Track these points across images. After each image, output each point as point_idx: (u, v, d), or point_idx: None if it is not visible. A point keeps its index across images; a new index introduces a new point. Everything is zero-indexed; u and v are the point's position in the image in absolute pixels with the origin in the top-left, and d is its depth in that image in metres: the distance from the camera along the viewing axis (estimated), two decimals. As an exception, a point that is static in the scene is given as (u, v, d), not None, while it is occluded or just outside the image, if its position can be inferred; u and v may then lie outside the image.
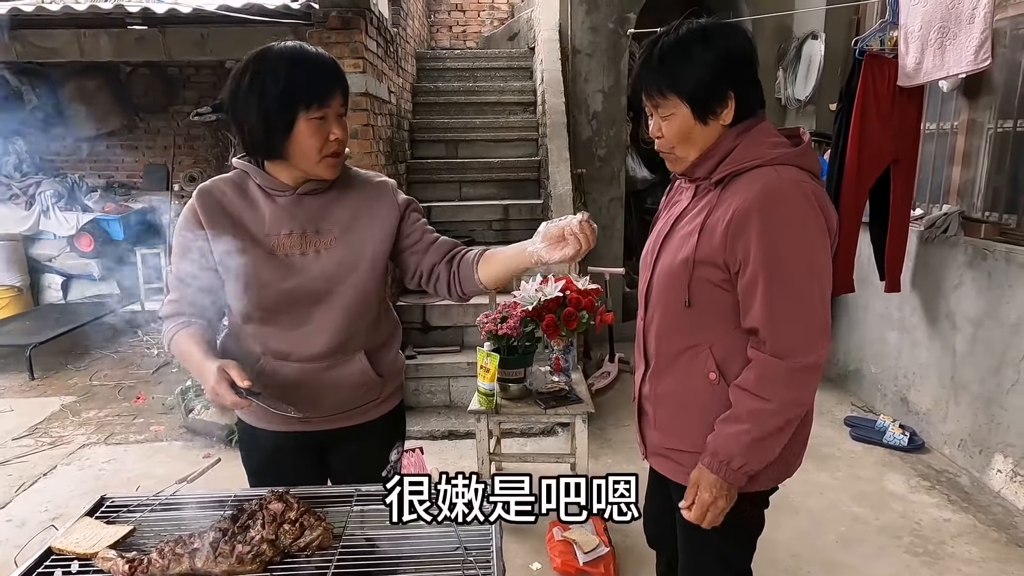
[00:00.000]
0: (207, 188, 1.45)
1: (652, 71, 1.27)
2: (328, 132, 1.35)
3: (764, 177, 1.22)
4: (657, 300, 1.39)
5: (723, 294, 1.29)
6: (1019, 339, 2.78)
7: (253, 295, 1.41)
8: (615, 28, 4.90)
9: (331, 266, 1.42)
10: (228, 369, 1.28)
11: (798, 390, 1.24)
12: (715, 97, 1.24)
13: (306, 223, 1.42)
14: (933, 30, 2.88)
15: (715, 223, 1.25)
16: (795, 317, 1.22)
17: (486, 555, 1.17)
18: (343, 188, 1.47)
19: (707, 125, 1.27)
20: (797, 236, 1.20)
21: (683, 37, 1.25)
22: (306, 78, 1.32)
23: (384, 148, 4.17)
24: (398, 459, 1.63)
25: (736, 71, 1.25)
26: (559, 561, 2.41)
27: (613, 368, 4.33)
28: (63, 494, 3.10)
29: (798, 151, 1.26)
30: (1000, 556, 2.50)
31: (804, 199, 1.21)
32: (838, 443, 3.43)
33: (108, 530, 1.24)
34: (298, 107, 1.31)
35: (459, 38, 7.83)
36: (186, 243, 1.42)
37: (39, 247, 6.36)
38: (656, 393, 1.42)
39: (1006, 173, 3.05)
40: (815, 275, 1.22)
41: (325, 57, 1.37)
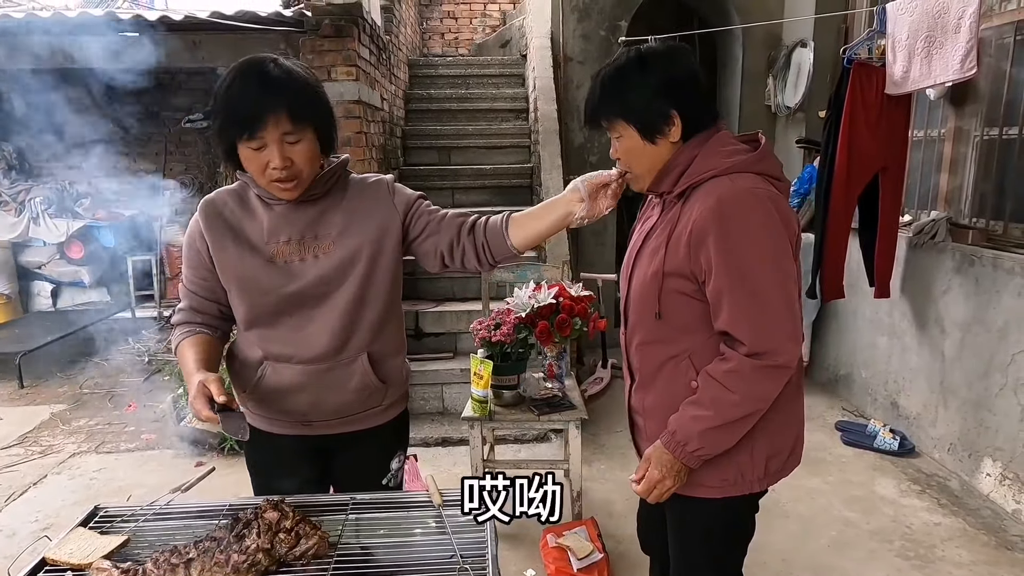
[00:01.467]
0: (210, 200, 1.48)
1: (597, 101, 1.35)
2: (266, 160, 1.31)
3: (719, 187, 1.26)
4: (634, 314, 1.43)
5: (695, 304, 1.32)
6: (1006, 344, 2.81)
7: (254, 301, 1.45)
8: (607, 36, 4.93)
9: (329, 269, 1.44)
10: (208, 383, 1.29)
11: (764, 385, 1.27)
12: (658, 118, 1.30)
13: (304, 229, 1.44)
14: (920, 39, 2.93)
15: (679, 235, 1.29)
16: (762, 322, 1.24)
17: (482, 563, 1.18)
18: (340, 193, 1.48)
19: (656, 144, 1.32)
20: (755, 242, 1.23)
21: (621, 66, 1.32)
22: (235, 106, 1.29)
23: (377, 155, 4.18)
24: (399, 468, 1.64)
25: (677, 91, 1.30)
26: (553, 568, 2.41)
27: (606, 374, 4.35)
28: (54, 504, 3.07)
29: (753, 157, 1.29)
30: (990, 559, 2.52)
31: (759, 204, 1.24)
32: (829, 447, 3.46)
33: (102, 540, 1.24)
34: (231, 135, 1.31)
35: (451, 45, 7.85)
36: (192, 254, 1.48)
37: (29, 254, 6.31)
38: (644, 406, 1.45)
39: (992, 180, 3.10)
40: (777, 278, 1.24)
41: (264, 81, 1.29)
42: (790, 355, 1.26)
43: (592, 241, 5.12)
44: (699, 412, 1.29)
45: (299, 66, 1.38)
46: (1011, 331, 2.79)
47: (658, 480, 1.34)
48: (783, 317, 1.25)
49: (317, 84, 1.39)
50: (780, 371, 1.26)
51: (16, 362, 4.60)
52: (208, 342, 1.47)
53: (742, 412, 1.28)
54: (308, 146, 1.34)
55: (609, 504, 2.93)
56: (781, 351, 1.25)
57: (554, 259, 3.68)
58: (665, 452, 1.33)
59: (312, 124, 1.34)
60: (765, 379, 1.26)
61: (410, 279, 4.57)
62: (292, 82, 1.32)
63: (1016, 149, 2.94)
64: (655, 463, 1.35)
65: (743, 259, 1.23)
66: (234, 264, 1.43)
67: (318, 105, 1.37)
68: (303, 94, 1.33)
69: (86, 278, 6.39)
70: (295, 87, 1.32)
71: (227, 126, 1.31)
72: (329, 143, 1.42)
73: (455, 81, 5.98)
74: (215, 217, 1.45)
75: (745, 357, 1.25)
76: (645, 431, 1.47)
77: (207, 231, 1.44)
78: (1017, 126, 2.93)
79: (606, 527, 2.68)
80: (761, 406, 1.29)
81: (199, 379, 1.31)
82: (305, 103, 1.33)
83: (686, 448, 1.30)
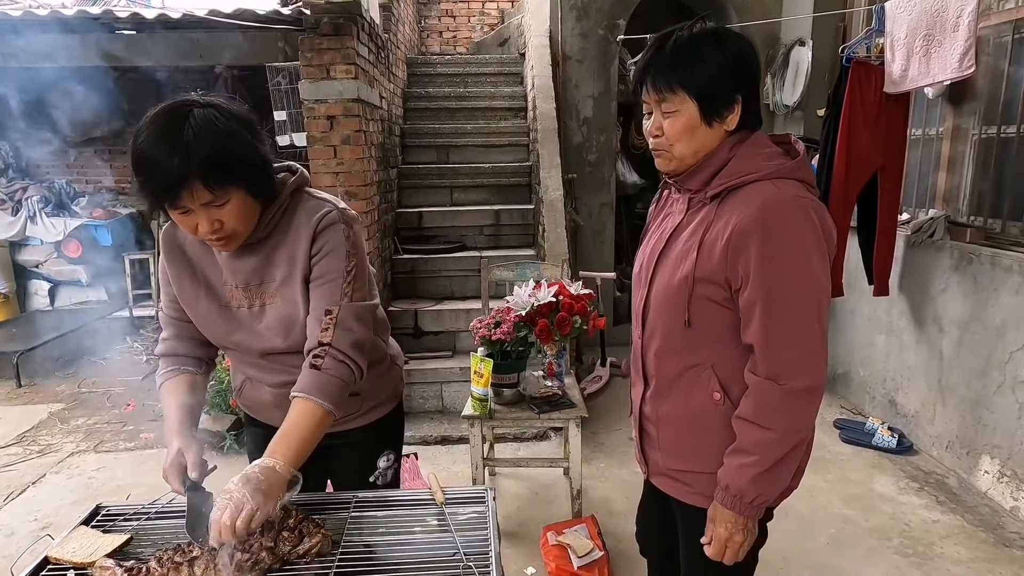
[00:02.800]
0: (169, 232, 1.43)
1: (664, 65, 1.22)
2: (195, 224, 1.23)
3: (763, 192, 1.19)
4: (656, 319, 1.34)
5: (724, 312, 1.25)
6: (1004, 342, 2.82)
7: (211, 338, 1.47)
8: (605, 34, 4.93)
9: (274, 322, 1.38)
10: (186, 453, 1.30)
11: (797, 415, 1.21)
12: (724, 99, 1.21)
13: (249, 276, 1.38)
14: (919, 38, 2.93)
15: (714, 239, 1.22)
16: (790, 339, 1.19)
17: (484, 560, 1.18)
18: (283, 233, 1.36)
19: (711, 127, 1.23)
20: (797, 256, 1.17)
21: (696, 36, 1.21)
22: (149, 177, 1.18)
23: (376, 153, 4.18)
24: (388, 466, 1.64)
25: (745, 77, 1.23)
26: (553, 566, 2.41)
27: (605, 372, 4.36)
28: (53, 503, 3.07)
29: (795, 164, 1.23)
30: (988, 556, 2.53)
31: (805, 216, 1.17)
32: (828, 446, 3.47)
33: (105, 539, 1.24)
34: (153, 202, 1.21)
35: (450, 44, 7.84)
36: (164, 280, 1.47)
37: (26, 253, 6.29)
38: (659, 414, 1.39)
39: (990, 178, 3.10)
40: (813, 297, 1.19)
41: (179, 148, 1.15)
42: (815, 377, 1.20)
43: (591, 240, 5.12)
44: (744, 460, 1.23)
45: (222, 113, 1.22)
46: (1009, 329, 2.79)
47: (727, 539, 1.27)
48: (813, 335, 1.19)
49: (238, 133, 1.23)
50: (808, 394, 1.20)
51: (14, 361, 4.59)
52: (192, 385, 1.45)
53: (786, 447, 1.21)
54: (237, 205, 1.24)
55: (609, 502, 2.94)
56: (804, 372, 1.19)
57: (553, 258, 3.68)
58: (724, 510, 1.26)
59: (236, 184, 1.22)
60: (797, 407, 1.20)
61: (409, 277, 4.57)
62: (204, 145, 1.16)
63: (1014, 147, 2.95)
64: (719, 522, 1.28)
65: (783, 271, 1.17)
66: (190, 302, 1.43)
67: (239, 162, 1.22)
68: (219, 157, 1.18)
69: (83, 277, 6.38)
70: (207, 151, 1.16)
71: (145, 193, 1.20)
72: (265, 190, 1.30)
73: (453, 80, 5.98)
74: (176, 250, 1.43)
75: (767, 381, 1.20)
76: (657, 440, 1.41)
77: (168, 264, 1.43)
78: (1015, 124, 2.93)
79: (606, 525, 2.68)
80: (803, 435, 1.23)
81: (177, 446, 1.31)
82: (221, 167, 1.19)
83: (743, 500, 1.24)
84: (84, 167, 6.66)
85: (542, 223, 4.21)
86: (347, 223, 1.38)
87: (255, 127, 1.29)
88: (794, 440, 1.22)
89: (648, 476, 1.49)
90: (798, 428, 1.22)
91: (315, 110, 3.66)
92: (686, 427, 1.35)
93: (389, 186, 4.69)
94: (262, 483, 1.14)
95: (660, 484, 1.45)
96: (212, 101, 1.24)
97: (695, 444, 1.34)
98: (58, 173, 6.59)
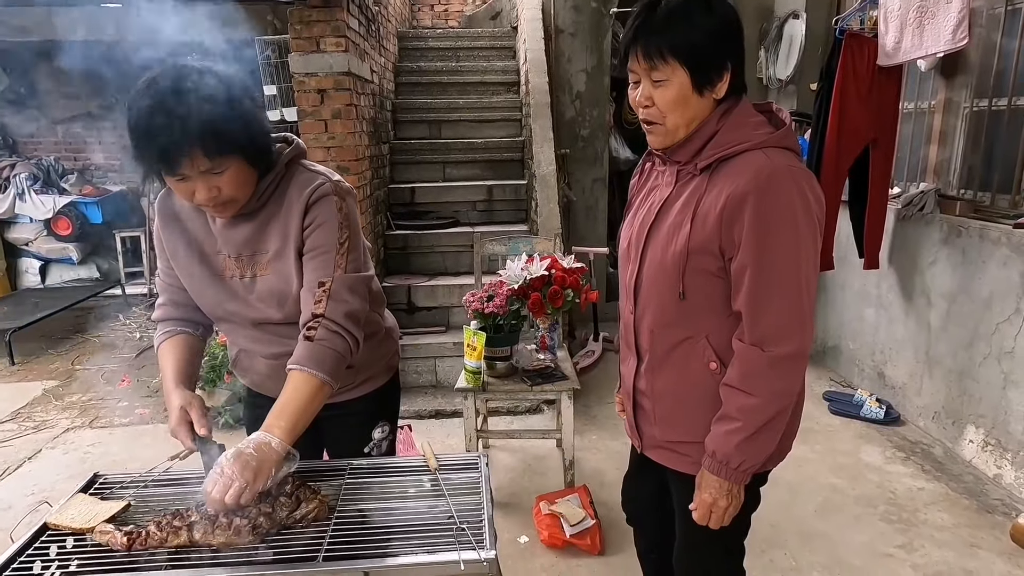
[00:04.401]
0: (164, 200, 1.43)
1: (653, 33, 1.19)
2: (192, 191, 1.23)
3: (756, 162, 1.19)
4: (648, 293, 1.34)
5: (718, 282, 1.26)
6: (991, 314, 2.86)
7: (205, 308, 1.46)
8: (598, 7, 4.88)
9: (266, 294, 1.38)
10: (190, 410, 1.31)
11: (781, 381, 1.23)
12: (715, 67, 1.20)
13: (242, 247, 1.38)
14: (912, 10, 2.92)
15: (707, 210, 1.22)
16: (776, 306, 1.20)
17: (478, 523, 1.20)
18: (277, 204, 1.36)
19: (702, 96, 1.21)
20: (788, 225, 1.18)
21: (686, 1, 1.19)
22: (146, 145, 1.17)
23: (367, 128, 4.15)
24: (383, 438, 1.65)
25: (734, 43, 1.22)
26: (546, 534, 2.45)
27: (597, 347, 4.39)
28: (49, 477, 3.09)
29: (782, 133, 1.24)
30: (971, 522, 2.59)
31: (796, 186, 1.18)
32: (817, 417, 3.52)
33: (103, 506, 1.25)
34: (150, 169, 1.22)
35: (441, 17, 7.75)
36: (159, 247, 1.46)
37: (15, 231, 6.26)
38: (654, 388, 1.38)
39: (981, 151, 3.11)
40: (801, 265, 1.20)
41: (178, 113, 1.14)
42: (799, 344, 1.21)
43: (584, 215, 5.12)
44: (729, 426, 1.25)
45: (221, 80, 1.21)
46: (996, 301, 2.83)
47: (711, 504, 1.30)
48: (799, 303, 1.20)
49: (238, 101, 1.22)
50: (791, 361, 1.21)
51: (6, 339, 4.59)
52: (189, 345, 1.47)
53: (771, 412, 1.23)
54: (235, 173, 1.24)
55: (601, 473, 2.98)
56: (789, 338, 1.20)
57: (546, 232, 3.69)
58: (710, 475, 1.28)
59: (235, 153, 1.22)
60: (780, 373, 1.22)
61: (402, 253, 4.56)
62: (204, 111, 1.16)
63: (1005, 120, 2.96)
64: (704, 488, 1.30)
65: (773, 239, 1.17)
66: (185, 273, 1.42)
67: (240, 130, 1.22)
68: (218, 125, 1.17)
69: (74, 255, 6.36)
70: (207, 117, 1.16)
71: (142, 160, 1.20)
72: (263, 159, 1.30)
73: (445, 54, 5.92)
74: (171, 218, 1.42)
75: (751, 347, 1.22)
76: (653, 414, 1.41)
77: (163, 232, 1.43)
78: (1006, 97, 2.94)
79: (598, 495, 2.72)
80: (787, 402, 1.25)
81: (179, 403, 1.32)
82: (220, 135, 1.18)
83: (729, 466, 1.26)
84: (72, 143, 6.59)
85: (535, 198, 4.21)
86: (340, 195, 1.37)
87: (254, 95, 1.29)
88: (778, 406, 1.23)
89: (642, 450, 1.49)
90: (782, 394, 1.23)
91: (305, 84, 3.62)
92: (683, 399, 1.35)
93: (381, 161, 4.66)
94: (252, 459, 1.15)
95: (656, 456, 1.45)
96: (210, 67, 1.22)
97: (692, 415, 1.35)
98: (46, 150, 6.52)
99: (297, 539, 1.18)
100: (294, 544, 1.16)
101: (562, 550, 2.42)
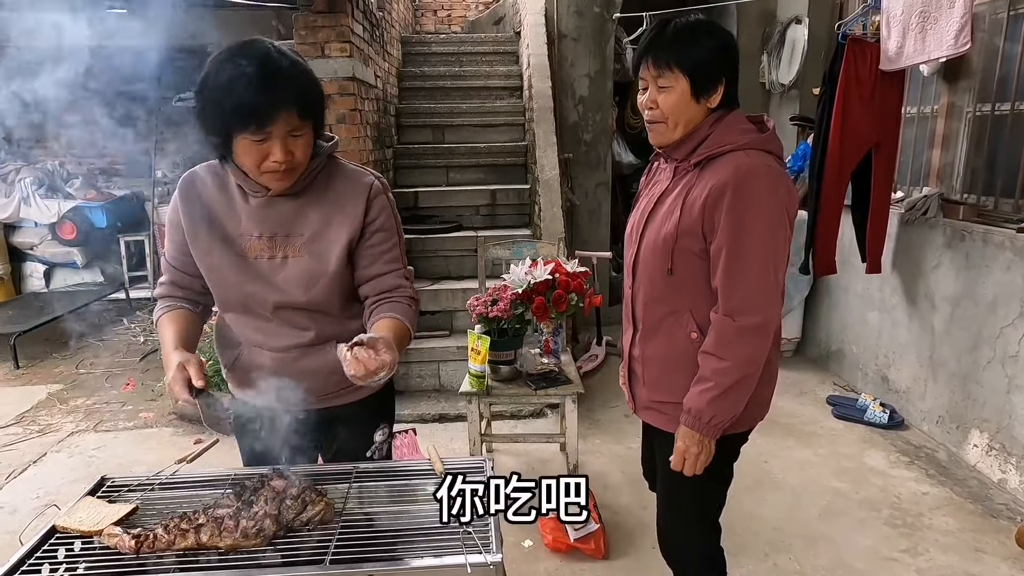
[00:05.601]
0: (189, 180, 1.46)
1: (665, 46, 1.43)
2: (267, 153, 1.27)
3: (737, 160, 1.40)
4: (643, 270, 1.56)
5: (700, 263, 1.46)
6: (995, 318, 2.86)
7: (222, 292, 1.46)
8: (601, 12, 4.90)
9: (295, 275, 1.41)
10: (187, 365, 1.29)
11: (748, 349, 1.42)
12: (711, 79, 1.43)
13: (276, 227, 1.41)
14: (915, 15, 2.93)
15: (694, 199, 1.43)
16: (746, 282, 1.39)
17: (484, 528, 1.21)
18: (321, 190, 1.43)
19: (699, 103, 1.44)
20: (759, 213, 1.38)
21: (693, 24, 1.44)
22: (241, 98, 1.21)
23: (371, 133, 4.17)
24: (384, 440, 1.66)
25: (730, 63, 1.45)
26: (550, 538, 2.45)
27: (601, 351, 4.39)
28: (54, 481, 3.10)
29: (764, 137, 1.45)
30: (975, 527, 2.59)
31: (769, 182, 1.39)
32: (820, 421, 3.52)
33: (111, 508, 1.26)
34: (232, 129, 1.25)
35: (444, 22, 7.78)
36: (172, 229, 1.47)
37: (20, 235, 6.27)
38: (644, 354, 1.60)
39: (984, 156, 3.12)
40: (768, 247, 1.40)
41: (276, 73, 1.24)
42: (765, 315, 1.41)
43: (587, 219, 5.13)
44: (703, 386, 1.45)
45: (294, 52, 1.33)
46: (1000, 305, 2.83)
47: (684, 450, 1.49)
48: (765, 279, 1.40)
49: (313, 73, 1.35)
50: (759, 331, 1.41)
51: (11, 343, 4.60)
52: (188, 318, 1.48)
53: (736, 376, 1.42)
54: (309, 139, 1.33)
55: (604, 476, 2.98)
56: (756, 310, 1.40)
57: (550, 236, 3.70)
58: (685, 428, 1.48)
59: (314, 119, 1.33)
60: (748, 342, 1.42)
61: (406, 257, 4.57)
62: (300, 75, 1.28)
63: (1008, 125, 2.96)
64: (680, 437, 1.49)
65: (746, 224, 1.38)
66: (204, 253, 1.43)
67: (321, 98, 1.35)
68: (311, 89, 1.31)
69: (78, 259, 6.37)
70: (304, 81, 1.29)
71: (227, 117, 1.23)
72: (320, 135, 1.40)
73: (448, 59, 5.94)
74: (194, 200, 1.43)
75: (724, 317, 1.41)
76: (642, 377, 1.62)
77: (183, 214, 1.43)
78: (1009, 102, 2.94)
79: (602, 499, 2.72)
80: (752, 369, 1.44)
81: (177, 360, 1.30)
82: (313, 99, 1.31)
83: (701, 420, 1.45)
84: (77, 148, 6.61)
85: (538, 203, 4.22)
86: (386, 191, 1.50)
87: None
88: (744, 371, 1.43)
89: (635, 410, 1.69)
90: (748, 361, 1.43)
91: (310, 89, 3.63)
92: (667, 364, 1.56)
93: (385, 166, 4.68)
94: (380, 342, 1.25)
95: (646, 417, 1.67)
96: (281, 45, 1.31)
97: (674, 379, 1.54)
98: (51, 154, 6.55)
99: (304, 542, 1.18)
100: (301, 547, 1.17)
101: (566, 554, 2.42)
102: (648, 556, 2.39)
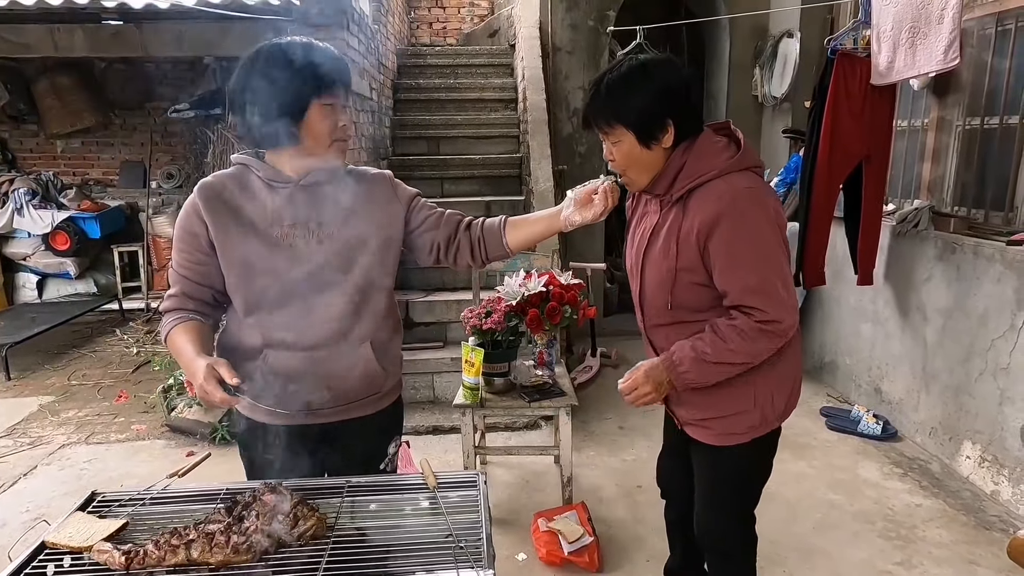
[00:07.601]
0: (208, 182, 1.47)
1: (599, 104, 1.45)
2: (337, 118, 1.43)
3: (718, 189, 1.42)
4: (651, 305, 1.61)
5: (705, 291, 1.49)
6: (986, 330, 2.87)
7: (258, 285, 1.44)
8: (595, 26, 4.94)
9: (333, 254, 1.46)
10: (217, 367, 1.28)
11: (761, 344, 1.46)
12: (656, 125, 1.43)
13: (308, 214, 1.45)
14: (904, 30, 2.96)
15: (687, 234, 1.46)
16: (772, 298, 1.43)
17: (476, 542, 1.21)
18: (343, 181, 1.50)
19: (651, 149, 1.46)
20: (753, 234, 1.42)
21: (625, 73, 1.42)
22: (321, 67, 1.37)
23: (366, 145, 4.18)
24: (395, 452, 1.66)
25: (673, 101, 1.43)
26: (544, 552, 2.44)
27: (595, 362, 4.39)
28: (45, 494, 3.07)
29: (740, 156, 1.45)
30: (969, 539, 2.59)
31: (756, 204, 1.42)
32: (814, 433, 3.52)
33: (101, 524, 1.25)
34: (312, 93, 1.37)
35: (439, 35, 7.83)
36: (187, 238, 1.45)
37: (13, 246, 6.25)
38: None
39: (974, 169, 3.15)
40: (773, 261, 1.44)
41: (334, 50, 1.44)
42: (791, 324, 1.47)
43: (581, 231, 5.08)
44: (699, 345, 1.48)
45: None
46: (991, 317, 2.85)
47: (641, 384, 1.54)
48: (785, 293, 1.45)
49: None
50: (780, 336, 1.46)
51: (2, 354, 4.57)
52: (201, 329, 1.44)
53: (735, 360, 1.47)
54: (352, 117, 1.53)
55: (599, 489, 2.97)
56: (785, 320, 1.45)
57: (544, 248, 3.70)
58: (659, 367, 1.53)
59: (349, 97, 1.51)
60: (764, 340, 1.45)
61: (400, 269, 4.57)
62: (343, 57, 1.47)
63: (997, 138, 3.00)
64: (645, 371, 1.54)
65: (745, 247, 1.41)
66: (237, 246, 1.42)
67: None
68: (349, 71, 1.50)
69: (72, 269, 6.35)
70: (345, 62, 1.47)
71: (313, 85, 1.37)
72: None
73: (443, 71, 5.97)
74: (215, 199, 1.43)
75: (755, 322, 1.43)
76: (677, 399, 1.65)
77: (207, 213, 1.42)
78: (998, 116, 2.98)
79: (596, 511, 2.72)
80: (752, 361, 1.49)
81: (205, 363, 1.29)
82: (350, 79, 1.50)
83: (678, 368, 1.50)
84: (71, 159, 6.61)
85: (532, 214, 4.22)
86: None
87: None
88: (744, 359, 1.48)
89: (681, 426, 1.72)
90: (754, 354, 1.47)
91: (305, 101, 3.64)
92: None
93: (379, 178, 4.69)
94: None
95: (691, 432, 1.68)
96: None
97: (710, 396, 1.57)
98: (44, 165, 6.54)
99: (295, 557, 1.18)
100: (292, 562, 1.16)
101: (560, 567, 2.41)
102: (642, 569, 2.38)
